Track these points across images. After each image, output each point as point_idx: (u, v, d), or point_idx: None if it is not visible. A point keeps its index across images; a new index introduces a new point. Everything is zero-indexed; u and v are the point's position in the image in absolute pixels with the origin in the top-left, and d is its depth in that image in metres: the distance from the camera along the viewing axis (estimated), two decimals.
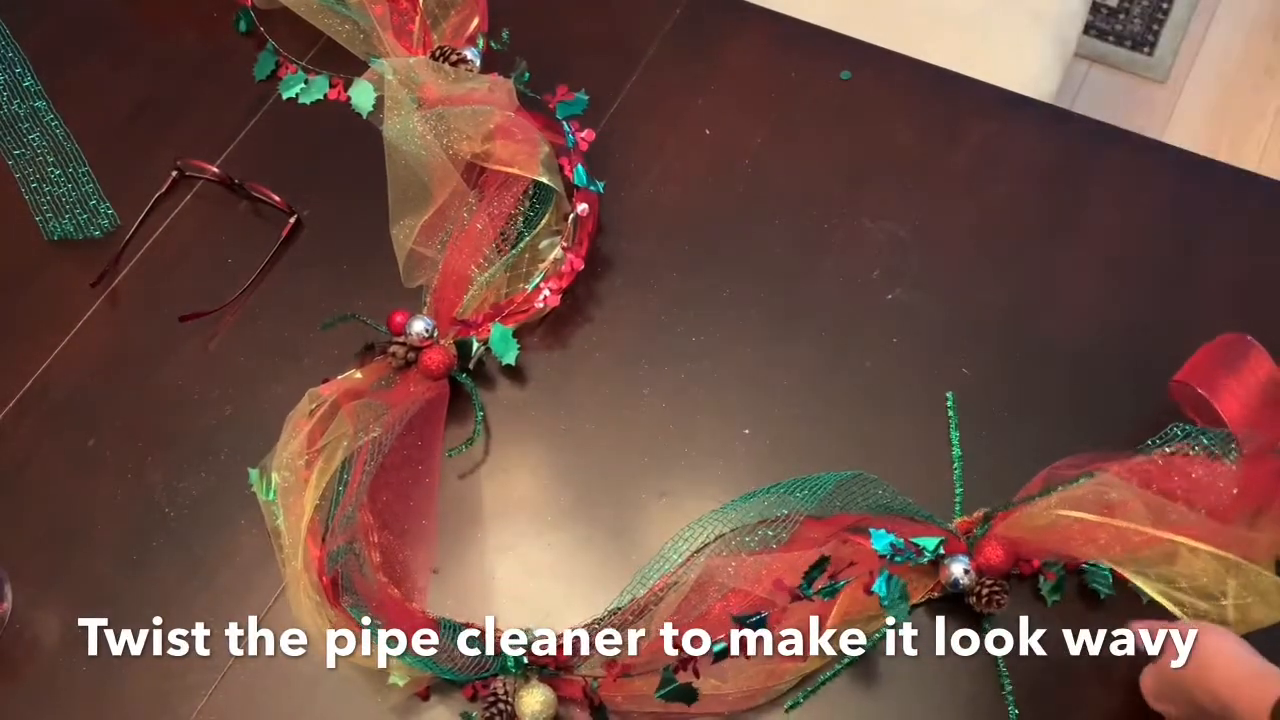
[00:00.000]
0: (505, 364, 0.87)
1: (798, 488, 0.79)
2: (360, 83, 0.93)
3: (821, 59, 1.02)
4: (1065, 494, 0.78)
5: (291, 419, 0.82)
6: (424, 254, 0.89)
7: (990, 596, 0.77)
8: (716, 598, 0.76)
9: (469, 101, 0.90)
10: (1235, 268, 0.92)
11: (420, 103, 0.90)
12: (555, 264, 0.90)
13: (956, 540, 0.79)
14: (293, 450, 0.81)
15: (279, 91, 1.01)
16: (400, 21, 0.97)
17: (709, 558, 0.78)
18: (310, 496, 0.79)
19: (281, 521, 0.80)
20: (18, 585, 0.82)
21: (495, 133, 0.89)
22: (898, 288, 0.92)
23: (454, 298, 0.88)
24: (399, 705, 0.78)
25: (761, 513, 0.79)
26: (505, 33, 0.96)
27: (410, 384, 0.85)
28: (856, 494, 0.80)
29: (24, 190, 0.98)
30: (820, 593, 0.75)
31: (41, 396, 0.90)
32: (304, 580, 0.78)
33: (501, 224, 0.89)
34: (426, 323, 0.86)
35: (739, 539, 0.79)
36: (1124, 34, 1.90)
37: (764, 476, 0.84)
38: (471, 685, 0.77)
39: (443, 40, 0.97)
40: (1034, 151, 0.98)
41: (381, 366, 0.86)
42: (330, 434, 0.81)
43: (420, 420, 0.85)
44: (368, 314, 0.90)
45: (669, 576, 0.78)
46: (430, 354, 0.85)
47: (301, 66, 1.02)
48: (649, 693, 0.74)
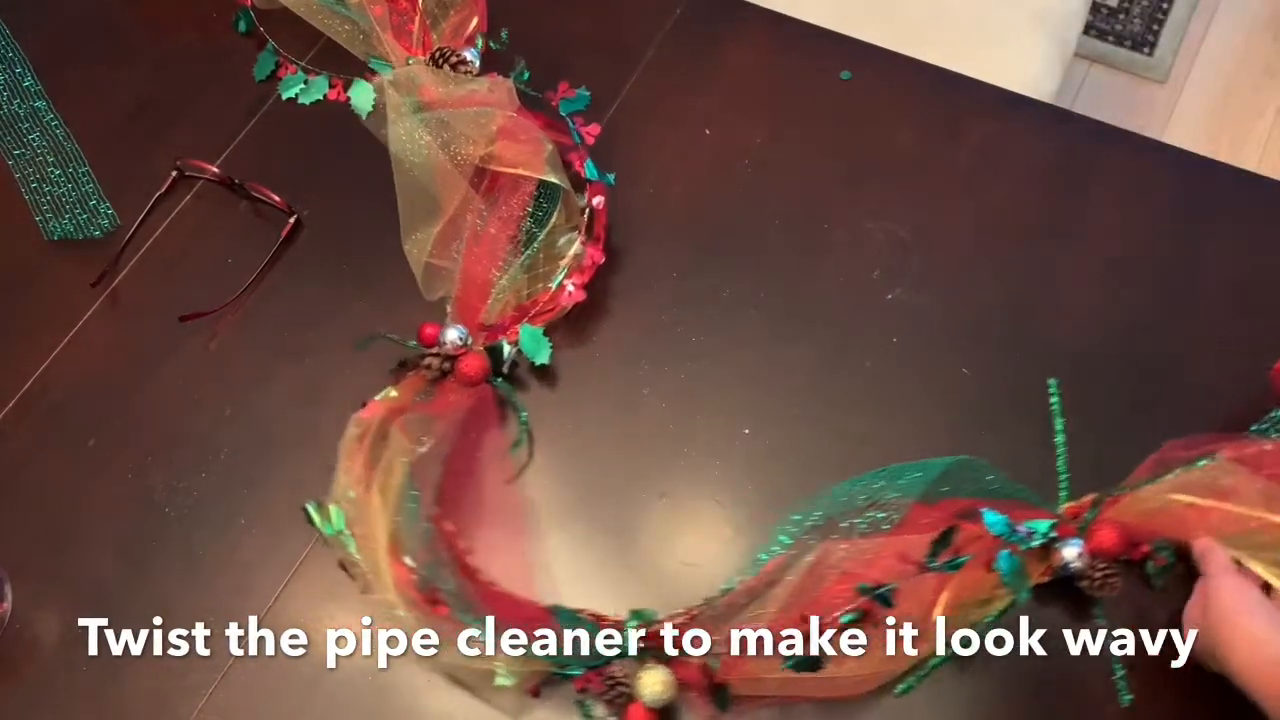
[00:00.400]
0: (539, 364, 0.87)
1: (905, 472, 0.79)
2: (360, 83, 0.93)
3: (821, 59, 1.02)
4: (1177, 479, 0.78)
5: (343, 448, 0.82)
6: (440, 265, 0.89)
7: (1104, 580, 0.76)
8: (832, 580, 0.76)
9: (470, 103, 0.90)
10: (1235, 268, 0.92)
11: (421, 106, 0.90)
12: (576, 259, 0.90)
13: (1067, 524, 0.79)
14: (351, 479, 0.80)
15: (279, 92, 1.02)
16: (400, 22, 0.97)
17: (824, 540, 0.77)
18: (383, 518, 0.78)
19: (355, 550, 0.80)
20: (18, 585, 0.82)
21: (498, 134, 0.89)
22: (898, 288, 0.92)
23: (477, 304, 0.88)
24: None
25: (871, 495, 0.79)
26: (504, 32, 0.97)
27: (449, 393, 0.85)
28: (964, 479, 0.80)
29: (24, 190, 0.98)
30: (945, 565, 0.75)
31: (41, 396, 0.90)
32: (397, 600, 0.77)
33: (515, 226, 0.89)
34: (459, 330, 0.86)
35: (849, 522, 0.78)
36: (1124, 34, 1.90)
37: (764, 477, 0.84)
38: (584, 675, 0.77)
39: (442, 41, 0.97)
40: (1034, 151, 0.98)
41: (417, 380, 0.86)
42: (388, 453, 0.80)
43: (474, 424, 0.84)
44: (370, 316, 0.90)
45: (780, 559, 0.77)
46: (466, 361, 0.85)
47: (301, 67, 1.02)
48: (768, 674, 0.74)
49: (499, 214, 0.88)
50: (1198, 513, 0.77)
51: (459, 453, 0.83)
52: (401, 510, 0.78)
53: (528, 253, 0.89)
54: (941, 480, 0.79)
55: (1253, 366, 0.86)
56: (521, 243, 0.89)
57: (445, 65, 0.94)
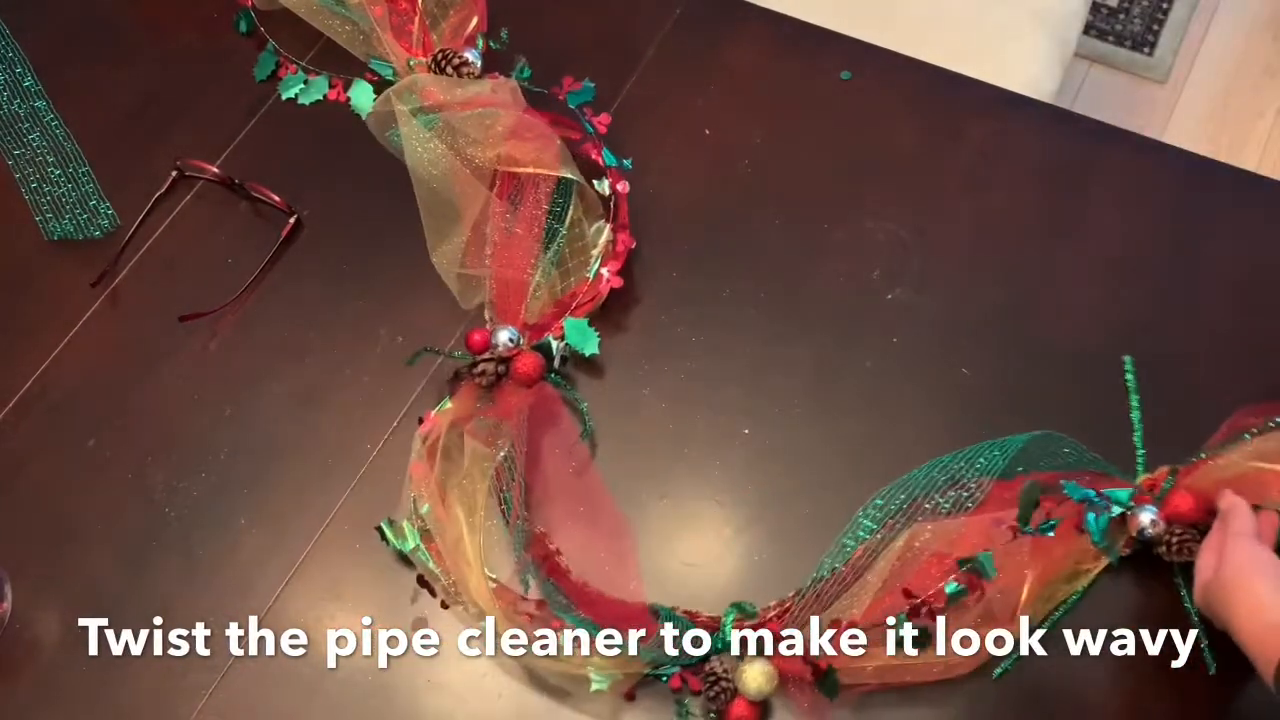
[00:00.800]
0: (588, 355, 0.87)
1: (983, 451, 0.80)
2: (360, 83, 0.93)
3: (821, 59, 1.02)
4: (1253, 446, 0.79)
5: (411, 466, 0.82)
6: (472, 274, 0.88)
7: (1180, 544, 0.77)
8: (925, 560, 0.76)
9: (476, 105, 0.90)
10: (1235, 268, 0.92)
11: (426, 111, 0.90)
12: (608, 245, 0.90)
13: (1143, 495, 0.79)
14: (424, 493, 0.80)
15: (279, 92, 1.02)
16: (399, 22, 0.97)
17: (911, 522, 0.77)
18: (465, 528, 0.78)
19: (433, 565, 0.79)
20: (18, 585, 0.82)
21: (507, 135, 0.89)
22: (898, 288, 0.92)
23: (516, 305, 0.87)
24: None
25: (951, 476, 0.79)
26: (504, 32, 0.97)
27: (509, 396, 0.85)
28: (1041, 454, 0.80)
29: (24, 190, 0.98)
30: (1039, 529, 0.76)
31: (41, 396, 0.90)
32: (489, 607, 0.76)
33: (540, 224, 0.88)
34: (511, 332, 0.85)
35: (933, 503, 0.78)
36: (1124, 34, 1.90)
37: (763, 477, 0.84)
38: (680, 674, 0.76)
39: (442, 41, 0.97)
40: (1034, 151, 0.98)
41: (471, 388, 0.86)
42: (467, 461, 0.80)
43: (540, 422, 0.84)
44: (370, 315, 0.90)
45: (867, 544, 0.77)
46: (522, 361, 0.85)
47: (302, 66, 1.02)
48: (871, 661, 0.74)
49: (523, 214, 0.88)
50: (1276, 477, 0.77)
51: (533, 452, 0.83)
52: (491, 516, 0.78)
53: (553, 248, 0.88)
54: (1018, 459, 0.79)
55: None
56: (546, 238, 0.89)
57: (448, 68, 0.94)
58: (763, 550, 0.82)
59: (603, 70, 1.01)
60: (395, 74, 0.97)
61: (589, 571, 0.80)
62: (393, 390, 0.88)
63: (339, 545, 0.83)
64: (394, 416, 0.87)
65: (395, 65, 0.97)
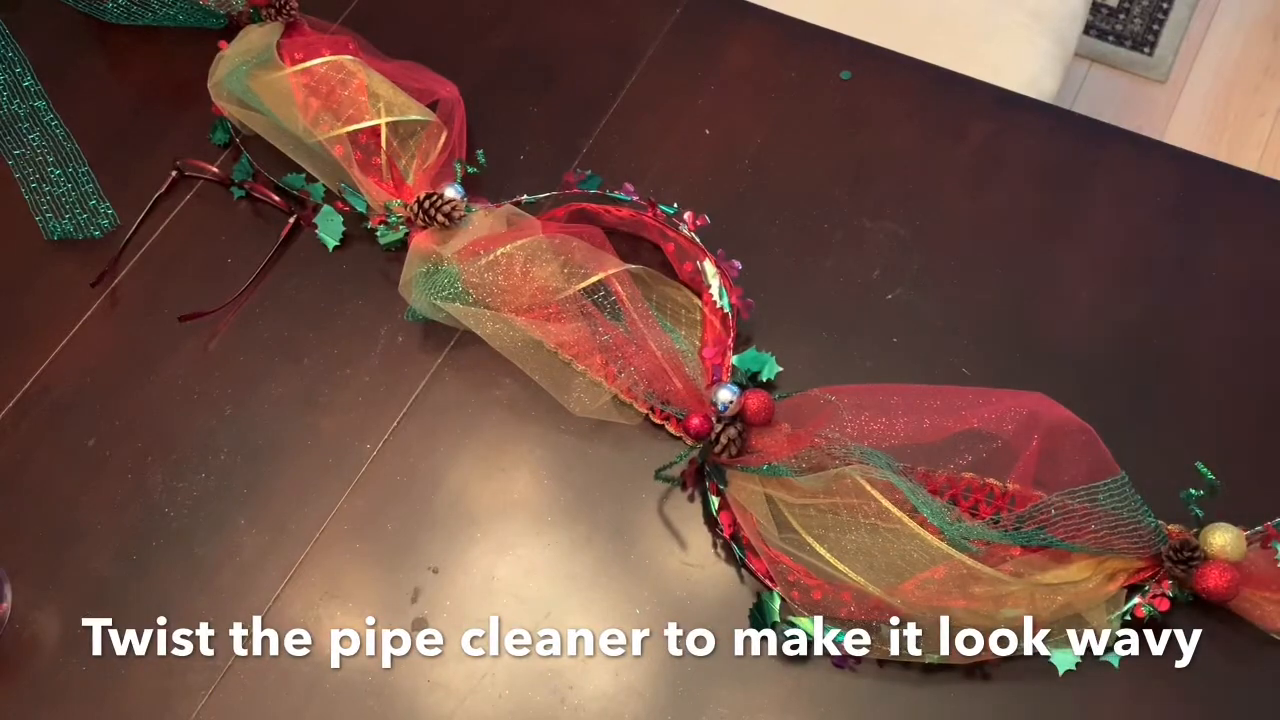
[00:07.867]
0: (774, 377, 0.87)
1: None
2: (327, 211, 0.93)
3: (821, 59, 1.02)
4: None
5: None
6: (621, 395, 0.86)
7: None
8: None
9: (482, 248, 0.87)
10: (1235, 268, 0.92)
11: (433, 263, 0.88)
12: (715, 279, 0.88)
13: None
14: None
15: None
16: (364, 157, 0.93)
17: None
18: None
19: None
20: (18, 585, 0.82)
21: (556, 254, 0.86)
22: (898, 288, 0.92)
23: (679, 383, 0.84)
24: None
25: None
26: (480, 153, 0.93)
27: (759, 438, 0.82)
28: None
29: (24, 190, 0.98)
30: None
31: (41, 396, 0.90)
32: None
33: (643, 303, 0.86)
34: (730, 389, 0.82)
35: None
36: (1124, 34, 1.91)
37: None
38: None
39: (413, 171, 0.94)
40: (1034, 151, 0.98)
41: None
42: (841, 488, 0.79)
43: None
44: (369, 315, 0.90)
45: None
46: (752, 401, 0.81)
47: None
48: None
49: (629, 310, 0.85)
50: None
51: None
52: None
53: (663, 319, 0.87)
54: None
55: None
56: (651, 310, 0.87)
57: (438, 216, 0.89)
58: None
59: (602, 70, 1.01)
60: (369, 209, 0.94)
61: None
62: (393, 390, 0.89)
63: (339, 545, 0.83)
64: (394, 417, 0.88)
65: (369, 199, 0.93)
